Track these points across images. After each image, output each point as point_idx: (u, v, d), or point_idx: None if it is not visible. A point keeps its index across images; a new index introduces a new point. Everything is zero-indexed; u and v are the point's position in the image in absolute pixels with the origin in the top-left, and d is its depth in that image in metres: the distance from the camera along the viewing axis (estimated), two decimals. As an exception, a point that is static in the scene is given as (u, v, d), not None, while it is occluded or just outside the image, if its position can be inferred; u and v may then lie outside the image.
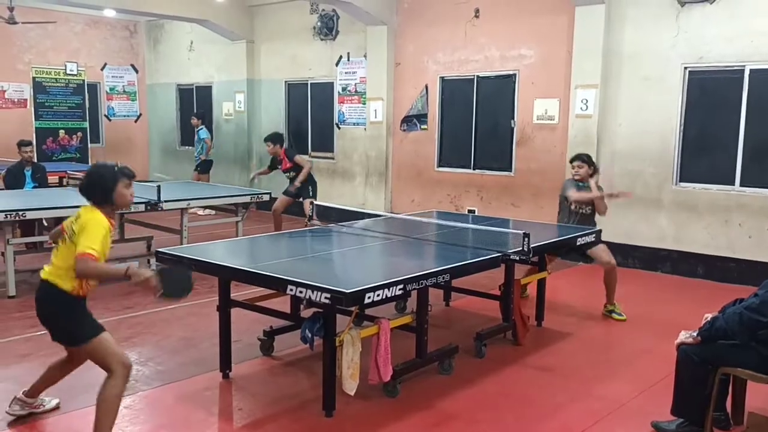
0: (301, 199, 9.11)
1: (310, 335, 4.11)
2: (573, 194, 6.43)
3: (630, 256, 8.59)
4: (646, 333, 5.93)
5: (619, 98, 8.54)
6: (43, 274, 3.62)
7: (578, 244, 5.89)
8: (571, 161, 6.69)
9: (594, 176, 6.57)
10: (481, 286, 6.09)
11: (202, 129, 12.86)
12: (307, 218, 6.37)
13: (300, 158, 9.25)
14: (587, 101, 8.64)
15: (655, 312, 6.64)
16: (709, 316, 3.75)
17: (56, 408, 4.13)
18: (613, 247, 8.51)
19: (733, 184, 7.83)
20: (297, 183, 9.04)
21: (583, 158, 6.61)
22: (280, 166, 9.25)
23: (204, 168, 12.78)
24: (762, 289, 3.58)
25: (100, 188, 3.59)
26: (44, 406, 4.09)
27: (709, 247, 8.00)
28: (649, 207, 8.44)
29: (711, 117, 7.99)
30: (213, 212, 9.96)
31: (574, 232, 5.98)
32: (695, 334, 3.67)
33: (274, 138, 9.22)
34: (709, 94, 7.98)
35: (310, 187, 9.13)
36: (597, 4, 8.42)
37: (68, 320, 3.58)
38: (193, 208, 8.57)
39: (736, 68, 7.71)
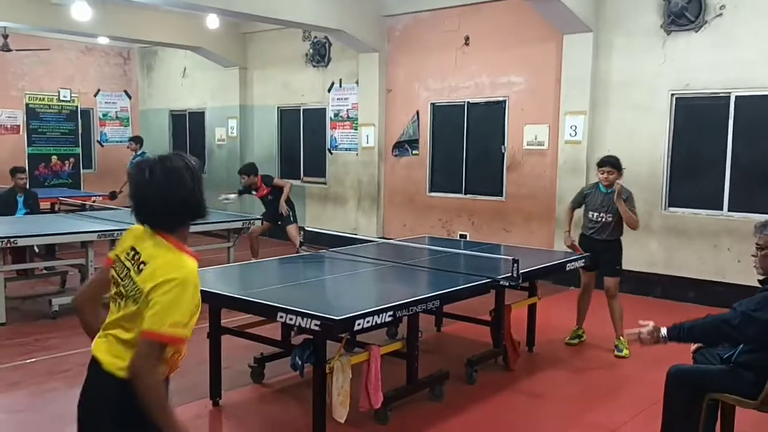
0: (280, 224, 9.07)
1: (300, 362, 4.11)
2: (626, 214, 6.21)
3: (621, 280, 8.59)
4: (637, 359, 5.93)
5: (608, 124, 8.64)
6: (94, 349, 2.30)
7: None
8: (600, 165, 6.29)
9: (621, 178, 6.27)
10: (473, 311, 6.10)
11: (141, 154, 12.42)
12: (299, 244, 6.38)
13: (279, 180, 9.31)
14: (576, 127, 8.73)
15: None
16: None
17: None
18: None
19: (722, 209, 7.91)
20: (283, 204, 8.88)
21: (612, 162, 6.24)
22: (254, 193, 9.24)
23: None
24: (741, 306, 3.50)
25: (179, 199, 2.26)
26: None
27: (699, 272, 8.05)
28: (639, 232, 8.39)
29: (698, 143, 8.09)
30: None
31: (563, 257, 6.02)
32: (664, 333, 3.69)
33: (248, 169, 9.19)
34: (697, 121, 8.09)
35: (290, 211, 9.09)
36: (585, 32, 8.55)
37: None
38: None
39: (722, 95, 7.82)
